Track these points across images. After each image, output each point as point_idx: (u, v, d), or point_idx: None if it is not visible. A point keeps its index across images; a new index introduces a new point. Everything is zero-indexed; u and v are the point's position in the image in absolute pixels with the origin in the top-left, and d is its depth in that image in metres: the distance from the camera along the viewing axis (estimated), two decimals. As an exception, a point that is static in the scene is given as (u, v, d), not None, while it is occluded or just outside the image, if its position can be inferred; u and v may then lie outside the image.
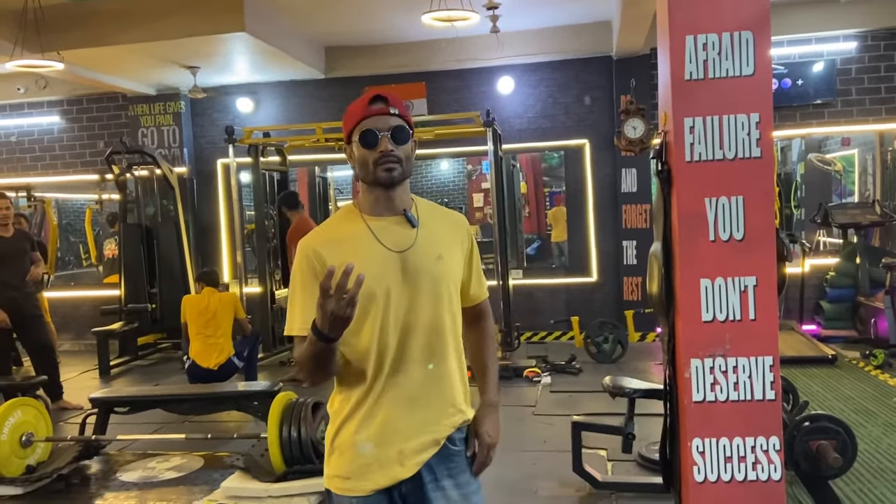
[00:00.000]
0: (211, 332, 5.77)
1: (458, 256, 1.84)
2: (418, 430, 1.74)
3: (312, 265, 1.72)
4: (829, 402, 5.22)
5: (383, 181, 1.73)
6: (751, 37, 2.42)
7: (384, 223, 1.76)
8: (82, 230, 10.64)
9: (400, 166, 1.73)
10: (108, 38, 6.70)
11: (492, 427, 1.87)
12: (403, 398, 1.73)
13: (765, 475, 2.47)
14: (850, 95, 7.68)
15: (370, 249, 1.73)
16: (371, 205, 1.78)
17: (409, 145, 1.76)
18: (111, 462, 4.61)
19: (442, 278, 1.77)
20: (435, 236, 1.80)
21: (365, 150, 1.72)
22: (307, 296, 1.70)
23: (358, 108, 1.76)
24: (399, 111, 1.75)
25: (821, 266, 7.71)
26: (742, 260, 2.45)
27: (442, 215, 1.89)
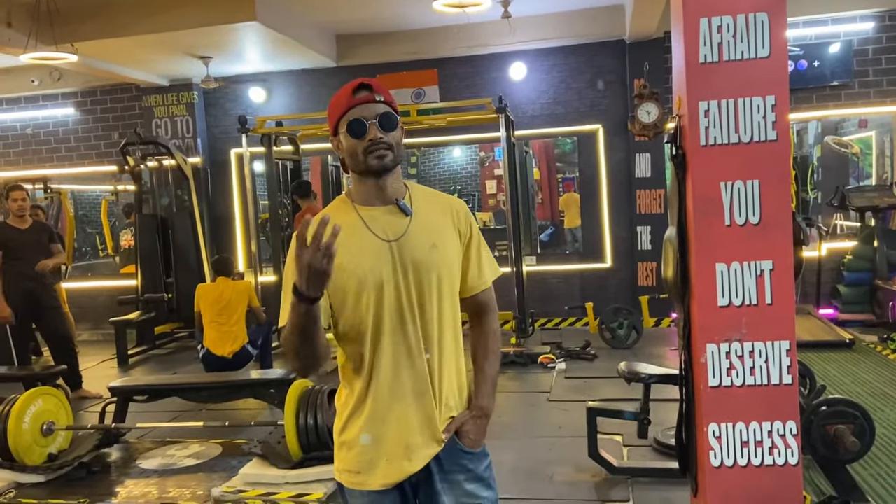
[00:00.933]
0: (225, 321, 5.82)
1: (454, 243, 1.79)
2: (423, 425, 1.72)
3: None
4: (846, 386, 5.18)
5: (375, 168, 1.70)
6: (766, 18, 2.39)
7: (376, 213, 1.73)
8: (98, 221, 10.73)
9: (391, 152, 1.70)
10: (122, 30, 6.73)
11: (475, 431, 1.79)
12: (406, 391, 1.71)
13: (782, 460, 2.47)
14: (867, 77, 7.57)
15: (363, 240, 1.70)
16: (363, 195, 1.75)
17: (398, 131, 1.73)
18: (131, 450, 4.67)
19: (436, 267, 1.72)
20: (429, 224, 1.76)
21: (353, 140, 1.69)
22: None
23: (342, 98, 1.72)
24: (384, 98, 1.72)
25: (838, 250, 7.64)
26: (758, 244, 2.44)
27: (438, 201, 1.83)
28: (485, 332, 1.88)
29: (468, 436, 1.77)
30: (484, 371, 1.84)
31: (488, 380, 1.83)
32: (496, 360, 1.87)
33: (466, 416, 1.78)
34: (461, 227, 1.81)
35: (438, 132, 8.24)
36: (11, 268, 5.84)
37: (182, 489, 3.98)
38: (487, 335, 1.87)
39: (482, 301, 1.87)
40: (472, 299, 1.86)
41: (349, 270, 1.67)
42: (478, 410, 1.80)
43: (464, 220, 1.82)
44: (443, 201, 1.84)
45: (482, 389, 1.82)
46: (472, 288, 1.84)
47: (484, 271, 1.85)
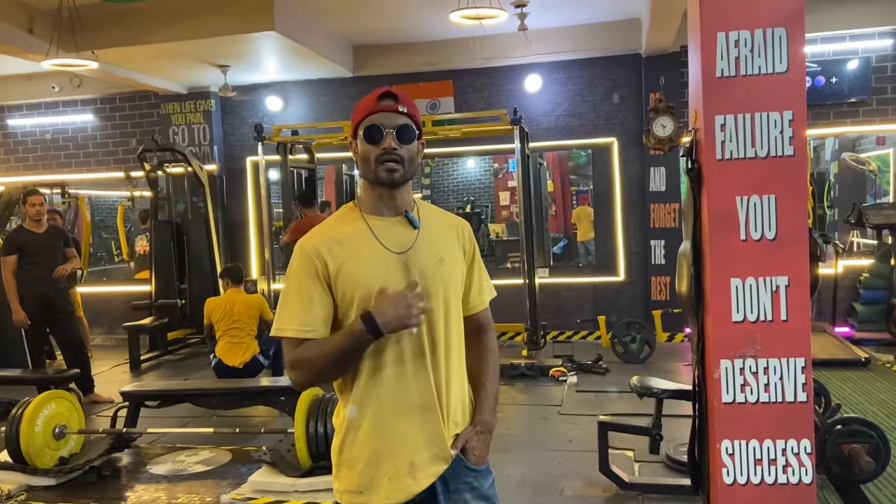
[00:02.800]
0: (236, 333, 5.85)
1: (460, 261, 1.79)
2: (428, 442, 1.68)
3: (312, 264, 1.67)
4: (861, 405, 5.11)
5: (384, 181, 1.68)
6: (784, 33, 2.38)
7: (385, 223, 1.71)
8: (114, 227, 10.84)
9: (402, 167, 1.68)
10: (141, 38, 6.81)
11: (480, 447, 1.76)
12: (409, 406, 1.67)
13: (795, 478, 2.44)
14: (885, 94, 7.52)
15: (370, 249, 1.68)
16: (372, 204, 1.73)
17: (415, 146, 1.71)
18: (141, 455, 4.69)
19: (443, 281, 1.71)
20: (436, 239, 1.75)
21: (368, 146, 1.68)
22: (303, 297, 1.66)
23: (366, 103, 1.72)
24: (408, 110, 1.70)
25: (854, 267, 7.57)
26: (774, 259, 2.42)
27: (444, 219, 1.83)
28: (484, 350, 1.87)
29: (473, 452, 1.74)
30: (485, 387, 1.82)
31: (490, 396, 1.82)
32: (496, 377, 1.87)
33: (470, 431, 1.75)
34: (466, 246, 1.82)
35: (453, 143, 8.26)
36: (27, 272, 5.90)
37: (191, 495, 3.99)
38: (487, 352, 1.87)
39: (482, 320, 1.88)
40: (472, 318, 1.86)
41: (355, 280, 1.66)
42: (481, 426, 1.77)
43: (468, 238, 1.83)
44: (448, 219, 1.84)
45: (484, 405, 1.80)
46: (473, 307, 1.85)
47: (483, 291, 1.87)
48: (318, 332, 1.66)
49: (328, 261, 1.66)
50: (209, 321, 5.96)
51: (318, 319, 1.66)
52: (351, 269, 1.65)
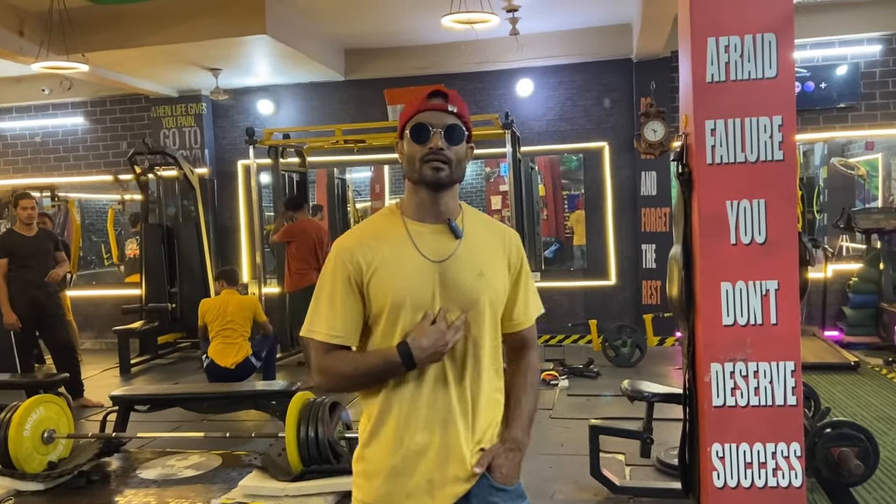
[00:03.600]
0: (229, 334, 5.83)
1: (502, 275, 1.70)
2: (450, 459, 1.60)
3: (345, 269, 1.62)
4: (851, 408, 5.14)
5: (429, 180, 1.61)
6: (773, 39, 2.40)
7: (425, 230, 1.64)
8: (104, 230, 10.77)
9: (448, 168, 1.61)
10: (132, 41, 6.79)
11: (508, 465, 1.65)
12: (431, 422, 1.60)
13: (785, 482, 2.45)
14: (874, 99, 7.58)
15: (406, 256, 1.62)
16: (415, 208, 1.66)
17: (463, 148, 1.64)
18: (131, 459, 4.66)
19: (481, 296, 1.63)
20: (479, 250, 1.66)
21: (414, 145, 1.62)
22: (335, 302, 1.62)
23: (415, 102, 1.66)
24: (458, 109, 1.64)
25: (844, 271, 7.61)
26: (764, 264, 2.43)
27: (491, 229, 1.74)
28: (524, 367, 1.78)
29: (500, 469, 1.64)
30: (521, 404, 1.73)
31: (524, 413, 1.72)
32: (534, 396, 1.77)
33: (498, 448, 1.66)
34: (512, 259, 1.73)
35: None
36: (17, 275, 5.86)
37: (181, 500, 3.96)
38: (527, 370, 1.78)
39: (525, 337, 1.79)
40: (515, 335, 1.77)
41: (387, 287, 1.60)
42: (511, 443, 1.67)
43: (515, 251, 1.74)
44: (496, 229, 1.75)
45: (517, 422, 1.71)
46: (516, 324, 1.76)
47: (529, 308, 1.78)
48: (347, 339, 1.63)
49: (361, 264, 1.61)
50: (203, 322, 5.94)
51: (348, 326, 1.62)
52: (384, 276, 1.60)
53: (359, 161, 9.41)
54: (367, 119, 8.34)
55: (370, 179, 11.73)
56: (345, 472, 3.88)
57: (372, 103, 8.46)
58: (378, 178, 11.58)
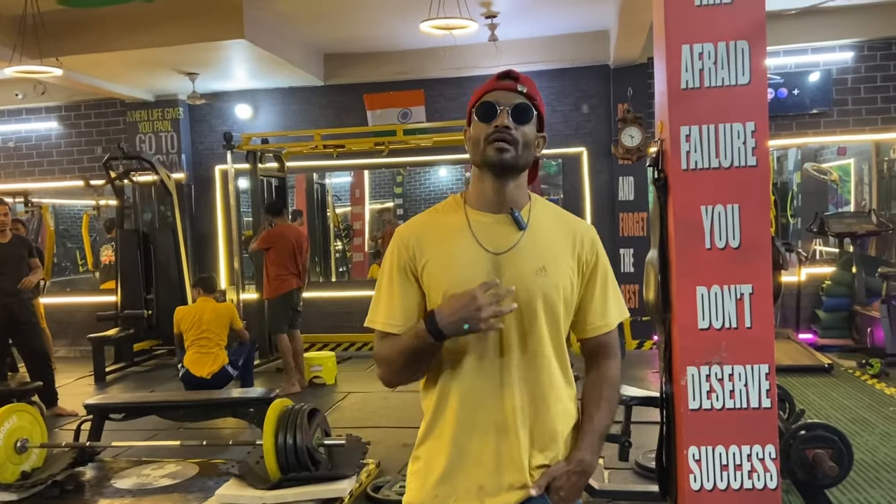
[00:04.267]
0: (205, 343, 5.78)
1: (569, 272, 1.57)
2: (504, 466, 1.52)
3: (401, 256, 1.58)
4: (825, 410, 5.21)
5: (492, 160, 1.51)
6: (746, 46, 2.43)
7: (487, 219, 1.56)
8: (79, 236, 10.64)
9: (514, 149, 1.51)
10: (107, 45, 6.72)
11: (568, 488, 1.53)
12: (486, 425, 1.52)
13: (760, 483, 2.47)
14: (846, 105, 7.71)
15: (463, 246, 1.54)
16: (478, 196, 1.58)
17: (532, 131, 1.56)
18: (106, 469, 4.59)
19: (540, 293, 1.52)
20: (544, 244, 1.56)
21: (480, 124, 1.53)
22: (392, 290, 1.58)
23: (485, 84, 1.60)
24: (528, 90, 1.56)
25: (817, 275, 7.73)
26: (738, 268, 2.46)
27: (562, 222, 1.63)
28: (600, 379, 1.64)
29: (558, 492, 1.53)
30: (592, 421, 1.60)
31: (595, 432, 1.59)
32: (608, 413, 1.63)
33: (562, 468, 1.54)
34: (584, 256, 1.60)
35: (424, 152, 8.28)
36: (-10, 282, 5.76)
37: (157, 509, 3.92)
38: (602, 382, 1.64)
39: (603, 344, 1.65)
40: (590, 341, 1.65)
41: (440, 276, 1.54)
42: (576, 464, 1.55)
43: (588, 247, 1.61)
44: (568, 223, 1.64)
45: (585, 441, 1.58)
46: (592, 329, 1.63)
47: (609, 311, 1.63)
48: (403, 328, 1.56)
49: (416, 252, 1.56)
50: (178, 330, 5.88)
51: (405, 315, 1.56)
52: (437, 265, 1.54)
53: (338, 166, 9.39)
54: (346, 124, 8.34)
55: (350, 184, 11.71)
56: (324, 479, 3.86)
57: (351, 108, 8.45)
58: (358, 183, 11.57)
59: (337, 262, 11.25)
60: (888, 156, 8.53)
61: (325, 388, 6.64)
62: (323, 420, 4.16)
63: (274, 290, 6.65)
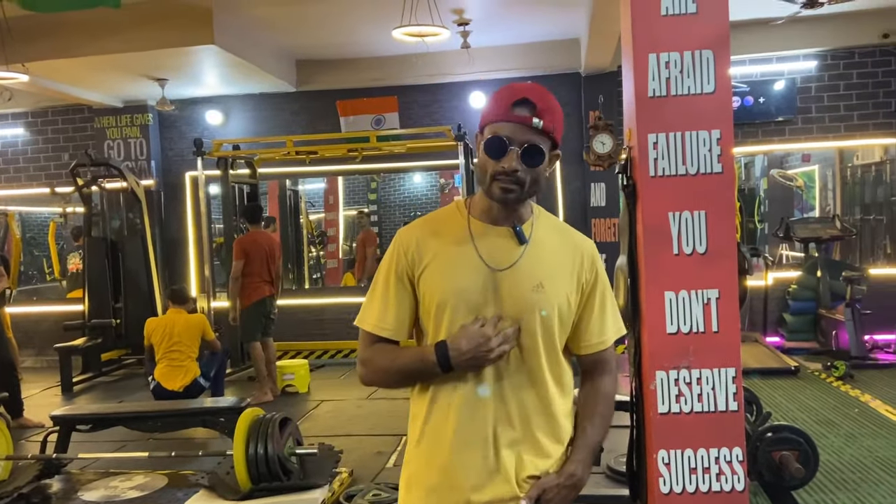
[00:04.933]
0: (176, 356, 5.71)
1: (567, 289, 1.58)
2: (490, 481, 1.52)
3: (400, 261, 1.58)
4: (791, 412, 5.30)
5: (496, 199, 1.52)
6: (711, 55, 2.48)
7: (489, 232, 1.56)
8: (46, 244, 10.46)
9: (520, 190, 1.50)
10: (75, 50, 6.62)
11: (556, 499, 1.54)
12: (476, 438, 1.52)
13: (728, 486, 2.50)
14: (810, 113, 7.88)
15: (463, 258, 1.54)
16: (482, 209, 1.58)
17: (543, 167, 1.52)
18: (73, 481, 4.50)
19: (537, 310, 1.53)
20: (544, 259, 1.56)
21: (487, 158, 1.51)
22: (387, 294, 1.58)
23: (500, 103, 1.52)
24: (544, 125, 1.49)
25: (784, 279, 7.87)
26: (705, 273, 2.49)
27: (563, 237, 1.63)
28: (595, 393, 1.66)
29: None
30: (585, 434, 1.62)
31: (588, 446, 1.61)
32: (602, 427, 1.65)
33: (552, 480, 1.54)
34: (584, 274, 1.61)
35: (398, 159, 8.28)
36: (-48, 291, 5.64)
37: (125, 522, 3.85)
38: (598, 397, 1.66)
39: (600, 360, 1.67)
40: (587, 357, 1.66)
41: (436, 286, 1.54)
42: (566, 477, 1.55)
43: (588, 265, 1.62)
44: (569, 239, 1.64)
45: (577, 455, 1.59)
46: (589, 346, 1.64)
47: (607, 328, 1.65)
48: (395, 333, 1.58)
49: (415, 258, 1.56)
50: (149, 342, 5.79)
51: (397, 320, 1.57)
52: (435, 272, 1.54)
53: (311, 172, 9.36)
54: (319, 130, 8.31)
55: (324, 191, 11.66)
56: (296, 488, 3.83)
57: (324, 114, 8.42)
58: (332, 189, 11.53)
59: (310, 269, 11.19)
60: (851, 162, 8.74)
61: (298, 397, 6.59)
62: (295, 429, 4.13)
63: (247, 298, 6.59)
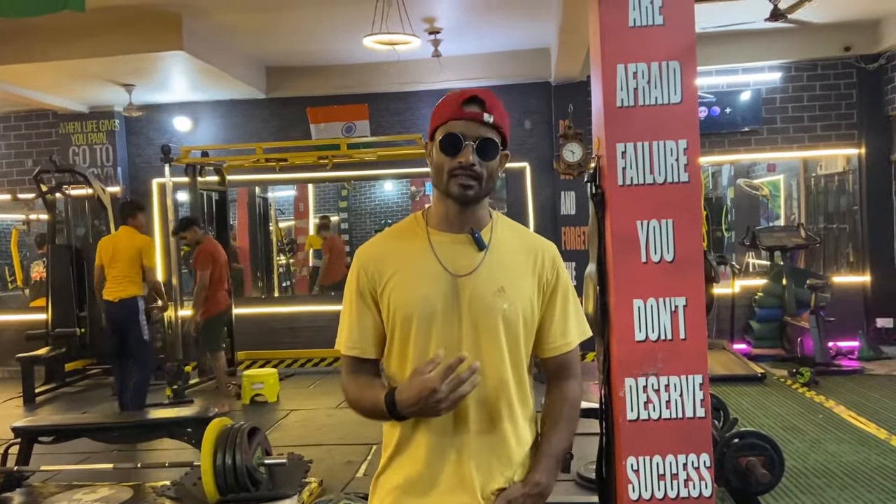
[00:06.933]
0: (116, 273, 6.02)
1: (529, 292, 1.57)
2: (458, 487, 1.51)
3: (360, 280, 1.58)
4: (758, 418, 5.38)
5: (455, 196, 1.52)
6: (678, 66, 2.52)
7: (448, 240, 1.56)
8: (8, 252, 10.22)
9: (478, 185, 1.51)
10: (39, 54, 6.50)
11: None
12: (447, 448, 1.52)
13: (696, 492, 2.53)
14: (775, 123, 8.04)
15: (424, 267, 1.54)
16: (439, 217, 1.58)
17: (497, 161, 1.54)
18: (35, 494, 4.38)
19: (499, 314, 1.52)
20: (503, 264, 1.56)
21: (443, 156, 1.51)
22: (353, 314, 1.59)
23: (448, 105, 1.54)
24: (495, 119, 1.52)
25: (750, 287, 7.99)
26: (672, 281, 2.53)
27: (522, 240, 1.63)
28: (560, 398, 1.64)
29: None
30: (549, 442, 1.60)
31: (552, 453, 1.58)
32: (567, 433, 1.62)
33: (517, 490, 1.53)
34: (544, 275, 1.59)
35: (369, 166, 8.26)
36: None
37: (88, 536, 3.76)
38: (563, 402, 1.64)
39: (564, 363, 1.65)
40: (551, 360, 1.64)
41: (398, 299, 1.54)
42: (531, 486, 1.54)
43: (549, 266, 1.60)
44: (529, 242, 1.63)
45: (542, 464, 1.57)
46: (552, 348, 1.63)
47: (569, 330, 1.63)
48: (364, 351, 1.59)
49: (376, 275, 1.56)
50: (99, 262, 6.17)
51: (365, 338, 1.59)
52: (397, 286, 1.54)
53: (281, 180, 9.29)
54: (289, 137, 8.26)
55: (294, 198, 11.58)
56: (264, 499, 3.78)
57: (294, 122, 8.38)
58: (302, 196, 11.46)
59: (280, 277, 11.09)
60: (815, 172, 8.93)
61: (267, 406, 6.51)
62: (264, 439, 4.08)
63: (214, 307, 6.50)
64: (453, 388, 1.40)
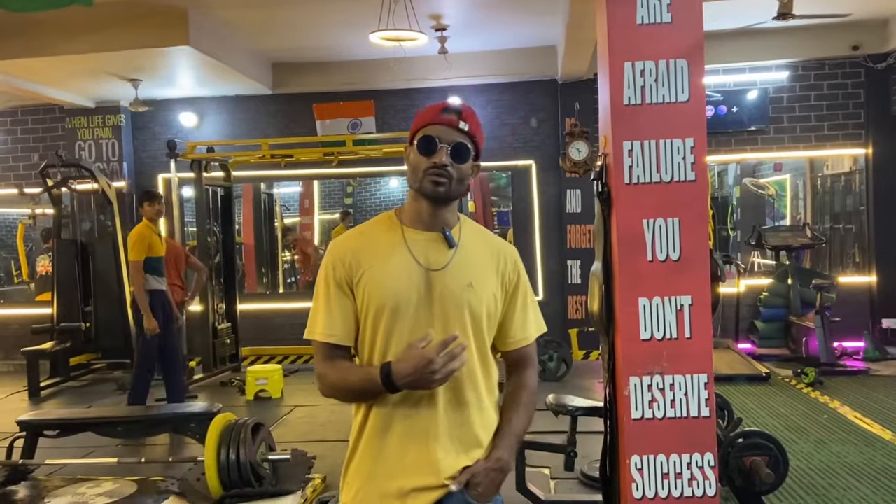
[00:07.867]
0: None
1: (493, 289, 1.70)
2: (424, 469, 1.61)
3: (336, 269, 1.67)
4: (762, 418, 5.37)
5: (428, 193, 1.64)
6: (686, 65, 2.51)
7: (421, 237, 1.67)
8: (14, 246, 10.25)
9: (449, 184, 1.63)
10: (47, 49, 6.51)
11: (485, 483, 1.63)
12: (416, 431, 1.62)
13: (700, 491, 2.53)
14: (781, 123, 8.01)
15: (400, 261, 1.65)
16: (412, 216, 1.69)
17: (468, 166, 1.67)
18: (39, 488, 4.39)
19: (468, 307, 1.65)
20: (471, 262, 1.68)
21: (420, 156, 1.64)
22: (331, 303, 1.66)
23: (428, 113, 1.69)
24: (469, 128, 1.66)
25: (755, 286, 7.97)
26: (678, 280, 2.52)
27: (486, 242, 1.75)
28: (520, 386, 1.78)
29: (476, 487, 1.62)
30: (510, 423, 1.72)
31: (512, 432, 1.71)
32: (526, 416, 1.75)
33: (481, 465, 1.64)
34: (507, 274, 1.73)
35: (374, 163, 8.25)
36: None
37: (92, 530, 3.77)
38: (522, 389, 1.77)
39: (523, 355, 1.79)
40: (512, 353, 1.78)
41: (374, 289, 1.63)
42: (494, 462, 1.65)
43: (511, 267, 1.74)
44: (493, 244, 1.76)
45: (503, 441, 1.69)
46: (514, 342, 1.76)
47: (528, 325, 1.77)
48: (343, 339, 1.66)
49: (353, 265, 1.65)
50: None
51: (344, 325, 1.66)
52: (373, 277, 1.64)
53: (286, 176, 9.29)
54: (295, 133, 8.26)
55: (299, 194, 11.58)
56: (268, 495, 3.79)
57: (300, 118, 8.38)
58: (307, 193, 11.45)
59: (285, 273, 11.10)
60: (821, 172, 8.89)
61: (271, 402, 6.53)
62: (268, 434, 4.09)
63: None
64: (447, 362, 1.51)
